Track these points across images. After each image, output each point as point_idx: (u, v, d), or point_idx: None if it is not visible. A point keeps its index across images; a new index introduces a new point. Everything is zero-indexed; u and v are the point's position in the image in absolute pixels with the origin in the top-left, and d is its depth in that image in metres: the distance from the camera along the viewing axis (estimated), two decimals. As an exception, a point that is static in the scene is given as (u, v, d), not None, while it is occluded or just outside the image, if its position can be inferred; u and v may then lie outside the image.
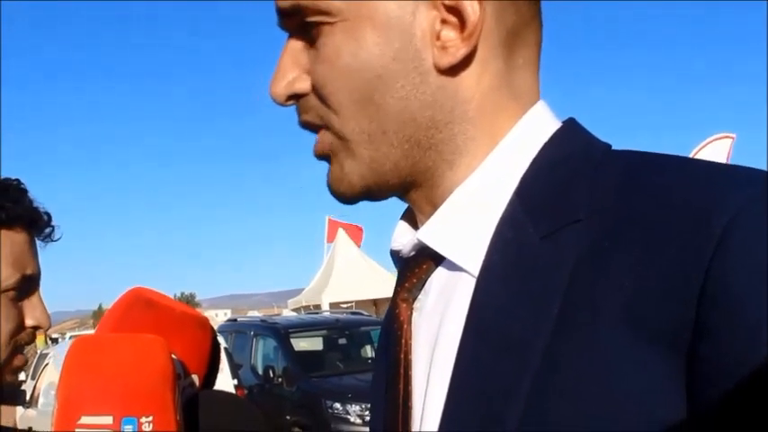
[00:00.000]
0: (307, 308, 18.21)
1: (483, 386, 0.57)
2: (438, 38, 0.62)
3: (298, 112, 0.68)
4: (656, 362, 0.50)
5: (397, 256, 0.70)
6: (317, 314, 14.11)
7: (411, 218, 0.70)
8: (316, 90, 0.65)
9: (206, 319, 0.89)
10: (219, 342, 0.92)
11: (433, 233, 0.64)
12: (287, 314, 16.79)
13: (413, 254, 0.67)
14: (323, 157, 0.68)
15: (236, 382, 8.38)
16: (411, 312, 0.67)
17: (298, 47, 0.66)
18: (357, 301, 17.86)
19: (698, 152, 13.21)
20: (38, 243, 1.23)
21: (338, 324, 10.68)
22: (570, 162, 0.62)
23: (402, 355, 0.66)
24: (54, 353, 9.67)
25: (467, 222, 0.63)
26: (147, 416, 0.67)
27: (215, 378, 0.90)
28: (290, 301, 21.58)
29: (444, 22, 0.62)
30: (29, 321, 1.19)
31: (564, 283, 0.55)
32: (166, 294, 0.92)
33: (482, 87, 0.63)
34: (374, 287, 17.37)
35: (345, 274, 18.05)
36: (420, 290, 0.67)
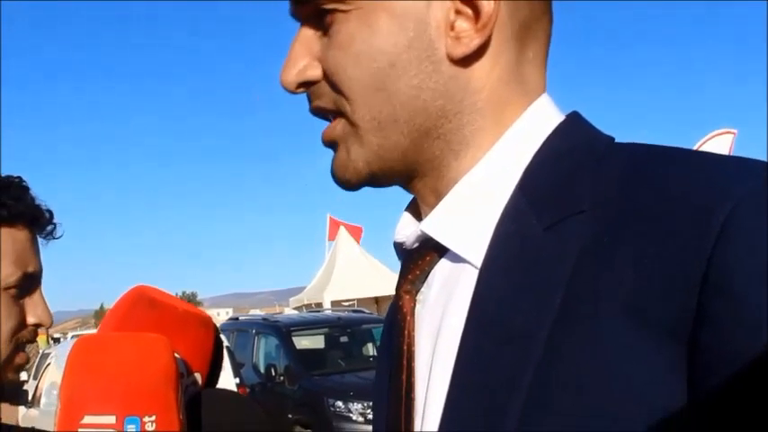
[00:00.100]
0: (308, 306, 18.23)
1: (485, 378, 0.57)
2: (452, 28, 0.62)
3: (309, 98, 0.68)
4: (657, 352, 0.51)
5: (400, 247, 0.70)
6: (318, 312, 14.10)
7: (415, 210, 0.70)
8: (327, 77, 0.65)
9: (209, 318, 0.89)
10: (222, 340, 0.92)
11: (437, 224, 0.64)
12: (289, 312, 16.81)
13: (416, 245, 0.67)
14: (330, 143, 0.67)
15: (237, 380, 8.38)
16: (414, 304, 0.67)
17: (309, 34, 0.66)
18: (359, 299, 17.87)
19: (699, 148, 13.15)
20: (40, 241, 1.23)
21: (340, 322, 10.66)
22: (574, 154, 0.62)
23: (405, 347, 0.66)
24: (56, 352, 9.69)
25: (470, 214, 0.63)
26: (150, 415, 0.66)
27: (218, 376, 0.90)
28: (291, 299, 21.61)
29: (459, 12, 0.62)
30: (30, 319, 1.19)
31: (567, 275, 0.55)
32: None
33: (492, 79, 0.64)
34: (376, 285, 17.39)
35: (347, 272, 18.06)
36: (423, 282, 0.67)
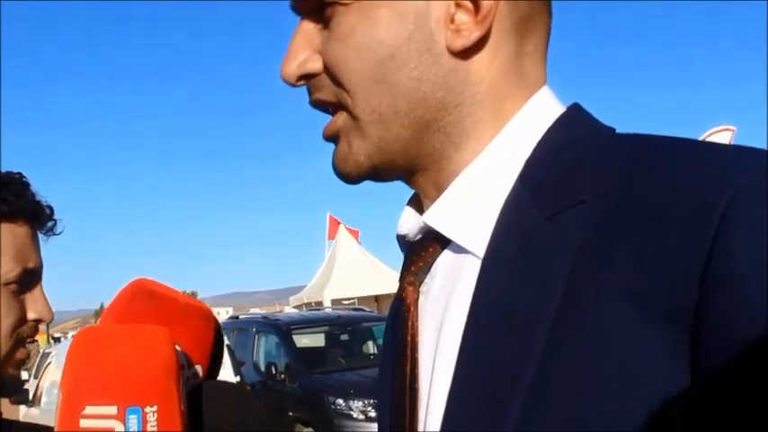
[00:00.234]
0: (308, 305, 18.25)
1: (487, 374, 0.57)
2: (452, 21, 0.62)
3: (309, 91, 0.68)
4: (659, 343, 0.50)
5: (403, 240, 0.70)
6: (318, 311, 14.10)
7: (416, 204, 0.70)
8: (328, 69, 0.65)
9: (209, 310, 0.89)
10: (222, 333, 0.92)
11: (439, 216, 0.64)
12: (289, 311, 16.80)
13: (419, 237, 0.67)
14: (331, 137, 0.68)
15: (238, 379, 8.38)
16: (417, 295, 0.67)
17: (310, 28, 0.66)
18: (359, 298, 17.89)
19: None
20: (40, 237, 1.23)
21: (340, 320, 10.67)
22: (574, 146, 0.62)
23: (409, 338, 0.66)
24: (56, 352, 9.69)
25: (472, 205, 0.63)
26: (152, 405, 0.66)
27: (218, 369, 0.90)
28: (291, 298, 21.63)
29: (459, 5, 0.62)
30: (31, 314, 1.19)
31: (568, 264, 0.55)
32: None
33: (492, 71, 0.64)
34: (375, 283, 17.41)
35: (347, 270, 18.08)
36: (426, 273, 0.67)
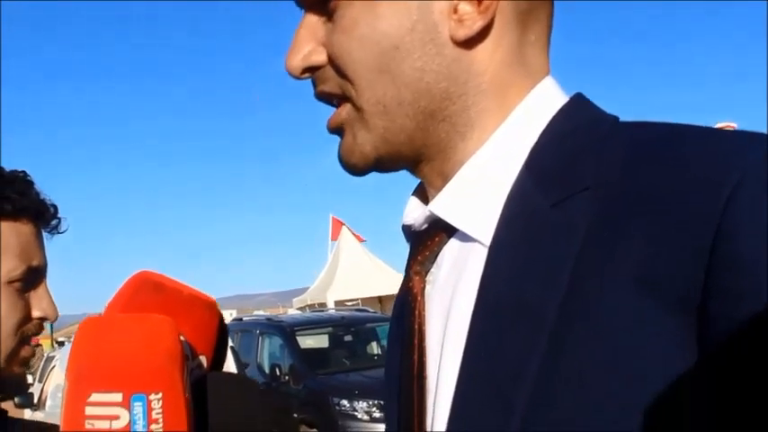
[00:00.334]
0: (312, 306, 18.23)
1: (493, 369, 0.57)
2: (455, 11, 0.63)
3: (314, 83, 0.68)
4: (666, 322, 0.51)
5: (408, 230, 0.70)
6: (322, 312, 14.10)
7: (421, 194, 0.71)
8: (332, 61, 0.65)
9: (213, 302, 0.89)
10: (226, 323, 0.92)
11: (445, 205, 0.64)
12: (292, 313, 16.80)
13: (425, 227, 0.68)
14: (336, 129, 0.68)
15: (242, 380, 8.37)
16: (424, 285, 0.67)
17: (314, 21, 0.67)
18: (362, 299, 17.86)
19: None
20: (44, 235, 1.24)
21: (343, 321, 10.67)
22: (577, 135, 0.62)
23: (416, 326, 0.66)
24: (60, 356, 9.70)
25: (478, 193, 0.63)
26: (156, 393, 0.67)
27: (223, 360, 0.90)
28: (294, 299, 21.59)
29: None
30: (35, 312, 1.19)
31: (575, 250, 0.56)
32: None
33: (495, 61, 0.64)
34: (379, 284, 17.38)
35: (350, 271, 18.05)
36: (432, 262, 0.67)
